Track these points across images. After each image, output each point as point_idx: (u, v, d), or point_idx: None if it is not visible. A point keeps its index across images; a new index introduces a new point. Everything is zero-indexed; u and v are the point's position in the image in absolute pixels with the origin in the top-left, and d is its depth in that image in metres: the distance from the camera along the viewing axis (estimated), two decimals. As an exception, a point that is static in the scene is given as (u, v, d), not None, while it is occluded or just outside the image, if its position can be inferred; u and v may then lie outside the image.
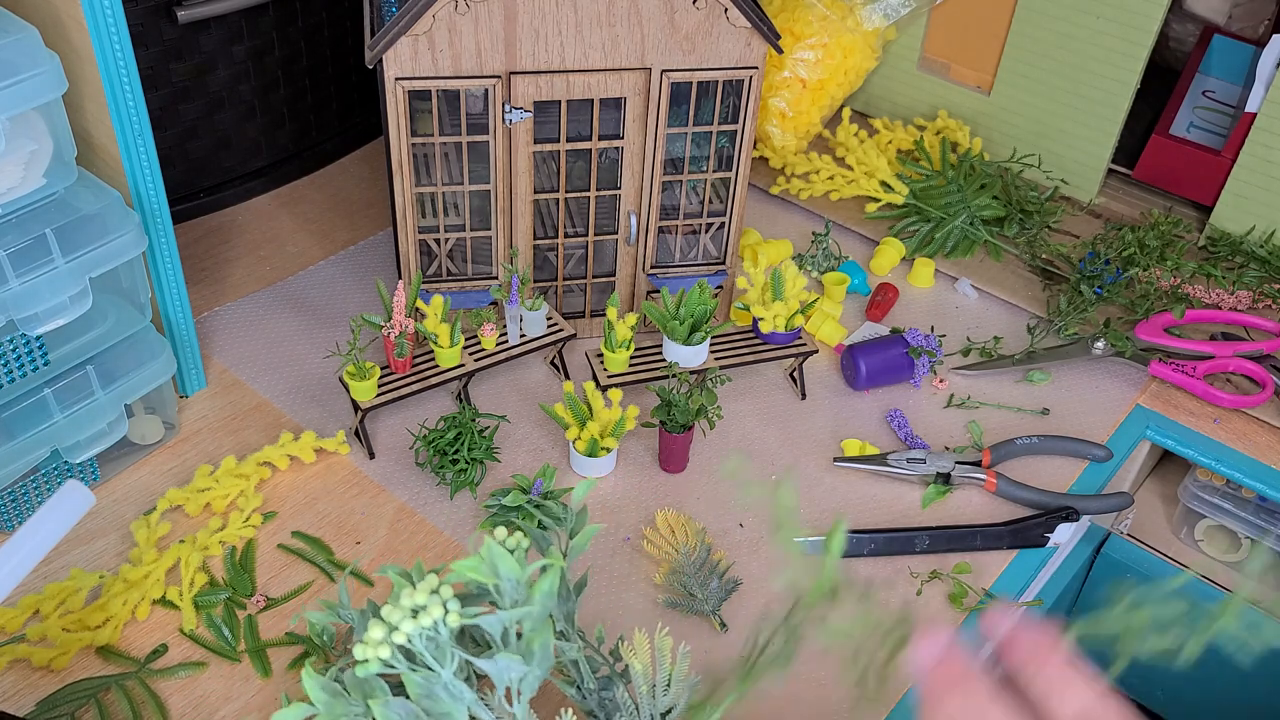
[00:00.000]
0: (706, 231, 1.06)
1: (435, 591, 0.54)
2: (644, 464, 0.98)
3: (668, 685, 0.63)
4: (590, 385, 0.94)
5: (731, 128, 0.99)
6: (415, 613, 0.54)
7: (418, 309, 0.99)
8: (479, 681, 0.61)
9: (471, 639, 0.62)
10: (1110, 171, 1.28)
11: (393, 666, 0.54)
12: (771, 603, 0.87)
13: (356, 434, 0.97)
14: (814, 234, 1.20)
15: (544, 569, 0.56)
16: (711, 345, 1.02)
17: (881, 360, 1.04)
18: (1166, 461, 1.19)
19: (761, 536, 0.92)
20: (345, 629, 0.83)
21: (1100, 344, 1.08)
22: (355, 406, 0.95)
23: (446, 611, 0.54)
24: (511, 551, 0.56)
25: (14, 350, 0.83)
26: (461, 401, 1.02)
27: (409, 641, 0.53)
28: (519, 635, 0.57)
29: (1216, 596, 1.08)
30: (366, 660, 0.53)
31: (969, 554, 0.92)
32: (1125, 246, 1.16)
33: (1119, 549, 1.12)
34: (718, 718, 0.59)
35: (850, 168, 1.27)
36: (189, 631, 0.83)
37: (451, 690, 0.55)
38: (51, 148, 0.81)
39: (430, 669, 0.55)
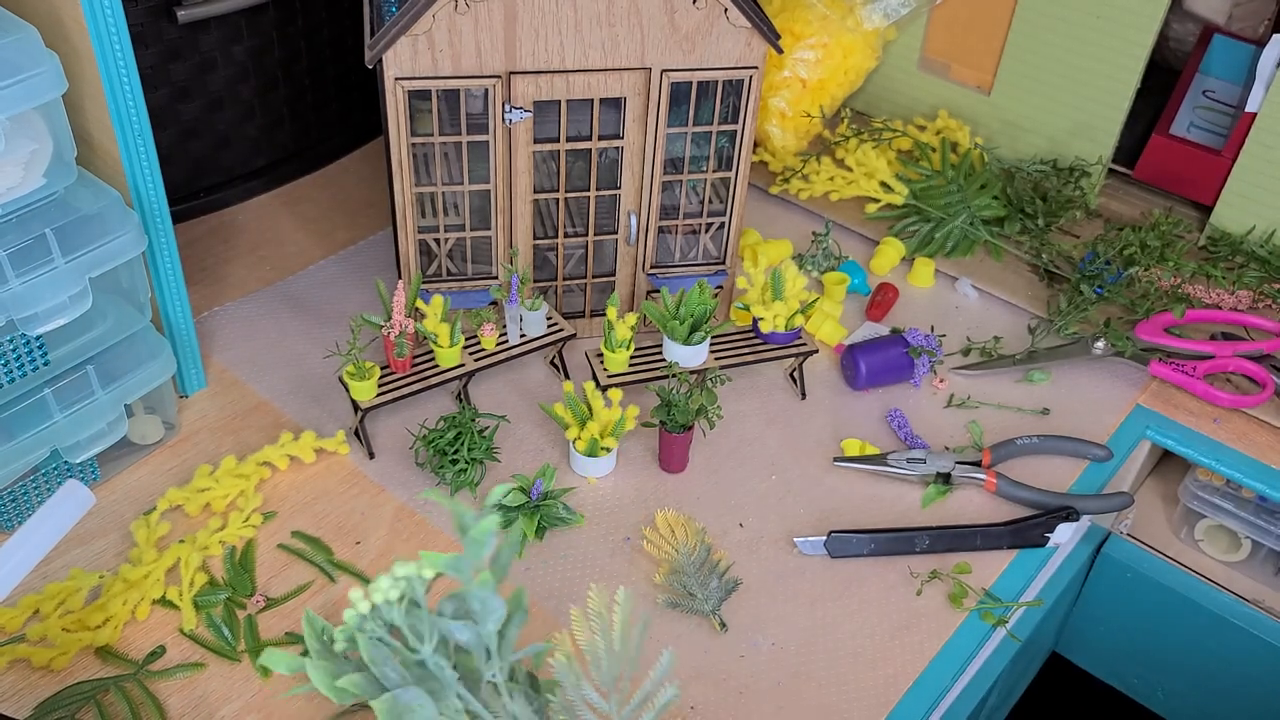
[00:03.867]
0: (706, 231, 1.06)
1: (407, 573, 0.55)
2: (644, 464, 0.98)
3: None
4: (590, 385, 0.94)
5: (731, 128, 0.99)
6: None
7: (417, 309, 0.99)
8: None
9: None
10: (1111, 171, 1.28)
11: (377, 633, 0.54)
12: (772, 603, 0.87)
13: (356, 434, 0.97)
14: (814, 234, 1.20)
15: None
16: (711, 345, 1.01)
17: (882, 360, 1.04)
18: (1167, 461, 1.19)
19: (761, 536, 0.92)
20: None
21: (1100, 344, 1.08)
22: (355, 406, 0.95)
23: (421, 569, 0.55)
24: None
25: (14, 350, 0.83)
26: (461, 401, 1.02)
27: (389, 609, 0.54)
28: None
29: (1217, 597, 1.08)
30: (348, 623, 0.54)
31: (969, 554, 0.92)
32: (1126, 246, 1.16)
33: (1119, 549, 1.12)
34: None
35: (850, 169, 1.27)
36: (189, 631, 0.83)
37: (434, 669, 0.56)
38: (51, 147, 0.81)
39: (411, 651, 0.55)
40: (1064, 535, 0.93)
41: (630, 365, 0.99)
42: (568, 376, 1.05)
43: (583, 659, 0.61)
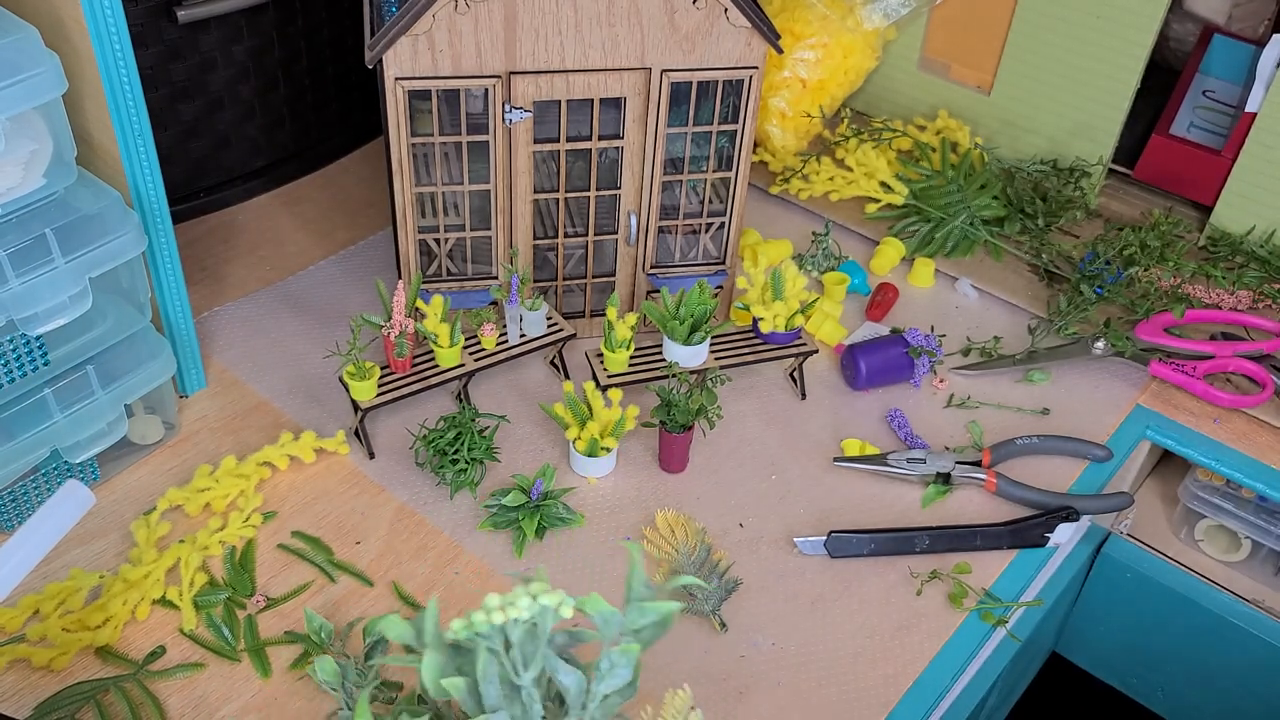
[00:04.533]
0: (706, 231, 1.06)
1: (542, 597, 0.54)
2: (644, 464, 0.98)
3: None
4: (590, 385, 0.94)
5: (731, 128, 0.99)
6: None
7: (418, 309, 0.99)
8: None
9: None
10: (1111, 171, 1.28)
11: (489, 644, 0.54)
12: (772, 603, 0.87)
13: (356, 434, 0.97)
14: (814, 234, 1.20)
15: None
16: (711, 345, 1.01)
17: (882, 360, 1.04)
18: (1166, 461, 1.19)
19: (761, 536, 0.92)
20: (343, 627, 0.83)
21: (1100, 344, 1.08)
22: (355, 406, 0.95)
23: (563, 606, 0.54)
24: None
25: (14, 350, 0.83)
26: (461, 401, 1.02)
27: (513, 625, 0.53)
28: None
29: (1217, 597, 1.08)
30: (472, 625, 0.53)
31: (969, 554, 0.92)
32: (1126, 246, 1.16)
33: (1119, 549, 1.12)
34: None
35: (850, 169, 1.27)
36: (189, 631, 0.83)
37: (526, 700, 0.55)
38: (51, 147, 0.81)
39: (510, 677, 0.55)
40: (1064, 535, 0.93)
41: (630, 365, 0.99)
42: (568, 376, 1.05)
43: None
